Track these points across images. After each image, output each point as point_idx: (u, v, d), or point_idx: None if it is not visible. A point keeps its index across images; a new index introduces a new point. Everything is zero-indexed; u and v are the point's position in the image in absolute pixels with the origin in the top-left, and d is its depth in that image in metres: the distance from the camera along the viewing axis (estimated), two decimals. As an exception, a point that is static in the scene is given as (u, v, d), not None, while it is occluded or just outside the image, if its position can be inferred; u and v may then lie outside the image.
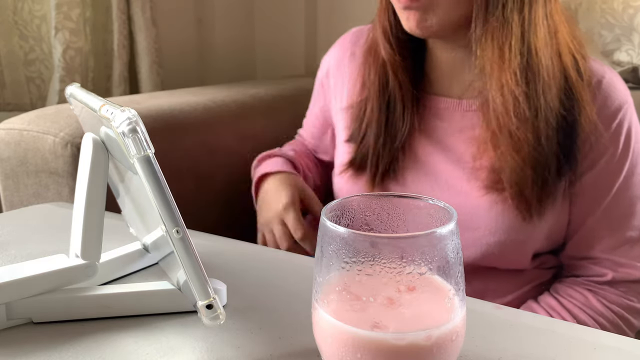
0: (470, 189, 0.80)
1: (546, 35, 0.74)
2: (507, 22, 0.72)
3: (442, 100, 0.84)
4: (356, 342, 0.34)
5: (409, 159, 0.85)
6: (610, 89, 0.78)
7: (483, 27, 0.73)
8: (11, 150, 0.93)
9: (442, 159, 0.83)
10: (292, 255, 0.63)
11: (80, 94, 0.49)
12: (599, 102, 0.77)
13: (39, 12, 1.31)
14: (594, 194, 0.79)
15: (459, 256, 0.36)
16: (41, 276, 0.48)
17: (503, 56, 0.73)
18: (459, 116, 0.83)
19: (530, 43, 0.73)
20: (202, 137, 1.09)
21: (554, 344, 0.45)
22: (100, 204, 0.49)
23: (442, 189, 0.82)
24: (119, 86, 1.36)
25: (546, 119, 0.74)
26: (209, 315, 0.39)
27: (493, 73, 0.74)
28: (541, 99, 0.74)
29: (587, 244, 0.81)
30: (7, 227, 0.70)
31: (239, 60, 1.77)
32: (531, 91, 0.73)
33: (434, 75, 0.85)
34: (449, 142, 0.83)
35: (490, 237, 0.79)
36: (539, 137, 0.74)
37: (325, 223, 0.35)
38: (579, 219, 0.81)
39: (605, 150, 0.78)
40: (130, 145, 0.39)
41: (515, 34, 0.72)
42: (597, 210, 0.79)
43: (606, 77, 0.79)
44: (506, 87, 0.73)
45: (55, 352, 0.44)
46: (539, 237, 0.80)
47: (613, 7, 1.17)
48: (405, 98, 0.83)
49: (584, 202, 0.80)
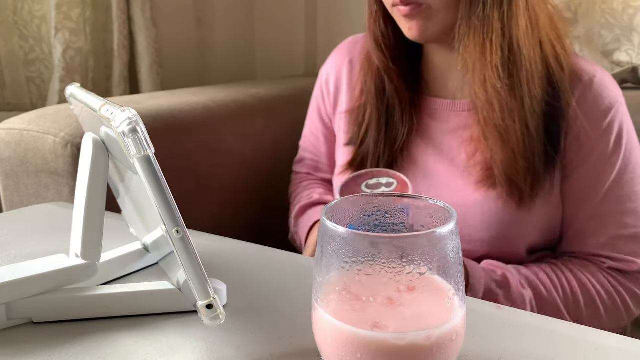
0: (464, 187, 0.81)
1: (528, 26, 0.75)
2: (487, 20, 0.73)
3: (437, 102, 0.85)
4: (356, 342, 0.34)
5: (407, 160, 0.86)
6: (601, 88, 0.79)
7: (467, 26, 0.75)
8: (11, 150, 0.93)
9: (437, 159, 0.84)
10: (292, 255, 0.63)
11: (80, 94, 0.49)
12: (590, 100, 0.78)
13: (39, 12, 1.31)
14: (585, 192, 0.80)
15: (459, 256, 0.36)
16: (41, 276, 0.48)
17: (484, 52, 0.74)
18: (452, 116, 0.84)
19: (512, 36, 0.74)
20: (202, 137, 1.09)
21: (554, 344, 0.45)
22: (100, 204, 0.49)
23: (438, 188, 0.83)
24: (119, 86, 1.36)
25: (532, 107, 0.75)
26: (209, 315, 0.39)
27: (475, 70, 0.76)
28: (525, 88, 0.75)
29: (580, 240, 0.82)
30: (7, 227, 0.70)
31: (239, 60, 1.77)
32: (515, 82, 0.75)
33: (429, 78, 0.87)
34: (444, 142, 0.84)
35: (484, 232, 0.80)
36: (527, 126, 0.75)
37: (325, 223, 0.35)
38: (572, 215, 0.81)
39: (596, 148, 0.79)
40: (130, 145, 0.39)
41: (495, 30, 0.73)
42: (590, 208, 0.80)
43: (597, 76, 0.79)
44: (489, 82, 0.75)
45: (55, 352, 0.44)
46: (531, 231, 0.80)
47: (613, 7, 1.17)
48: (404, 102, 0.85)
49: (576, 199, 0.81)
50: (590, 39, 1.20)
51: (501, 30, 0.73)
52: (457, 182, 0.82)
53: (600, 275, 0.80)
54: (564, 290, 0.78)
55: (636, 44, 1.17)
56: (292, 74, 1.74)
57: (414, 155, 0.85)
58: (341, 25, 1.67)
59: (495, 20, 0.73)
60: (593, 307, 0.79)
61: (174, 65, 1.53)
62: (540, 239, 0.82)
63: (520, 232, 0.80)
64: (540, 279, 0.78)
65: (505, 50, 0.74)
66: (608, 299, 0.79)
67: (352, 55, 0.96)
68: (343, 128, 0.94)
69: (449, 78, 0.84)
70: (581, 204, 0.80)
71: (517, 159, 0.76)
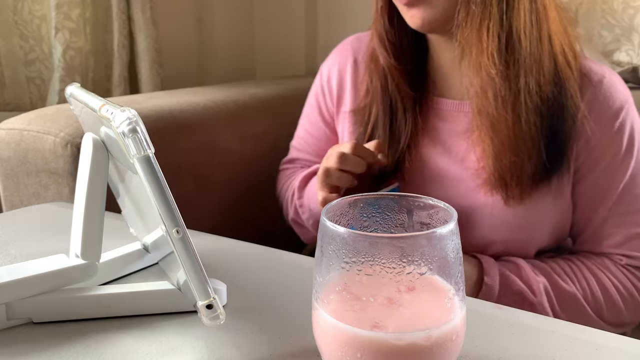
0: (473, 189, 0.81)
1: (531, 19, 0.74)
2: (485, 6, 0.73)
3: (444, 102, 0.85)
4: (356, 342, 0.34)
5: (414, 160, 0.86)
6: (611, 88, 0.79)
7: (465, 12, 0.74)
8: (11, 150, 0.93)
9: (445, 160, 0.83)
10: (292, 255, 0.63)
11: (80, 94, 0.49)
12: (600, 101, 0.78)
13: (39, 12, 1.31)
14: (599, 194, 0.80)
15: (458, 256, 0.36)
16: (41, 276, 0.48)
17: (481, 38, 0.74)
18: (460, 117, 0.83)
19: (512, 25, 0.74)
20: (202, 137, 1.09)
21: (555, 344, 0.45)
22: (100, 204, 0.49)
23: (446, 189, 0.83)
24: (119, 86, 1.36)
25: (527, 101, 0.75)
26: (209, 315, 0.39)
27: (471, 55, 0.75)
28: (521, 80, 0.74)
29: (596, 241, 0.82)
30: (7, 227, 0.70)
31: (239, 60, 1.77)
32: (510, 73, 0.74)
33: (436, 77, 0.87)
34: (452, 142, 0.84)
35: (493, 235, 0.80)
36: (519, 119, 0.75)
37: (325, 223, 0.35)
38: (586, 217, 0.82)
39: (608, 150, 0.78)
40: (130, 145, 0.39)
41: (493, 16, 0.73)
42: (604, 209, 0.80)
43: (607, 77, 0.79)
44: (484, 69, 0.74)
45: (55, 352, 0.44)
46: (539, 233, 0.80)
47: (613, 8, 1.17)
48: (406, 100, 0.84)
49: (590, 202, 0.80)
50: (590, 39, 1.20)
51: (499, 19, 0.73)
52: (465, 184, 0.81)
53: (617, 271, 0.80)
54: (580, 282, 0.78)
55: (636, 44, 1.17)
56: (292, 74, 1.74)
57: (423, 156, 0.85)
58: (341, 25, 1.67)
59: (493, 7, 0.73)
60: (612, 299, 0.79)
61: (174, 65, 1.53)
62: (549, 241, 0.82)
63: (529, 235, 0.80)
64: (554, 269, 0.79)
65: (503, 38, 0.73)
66: (627, 294, 0.80)
67: (356, 55, 0.95)
68: (348, 128, 0.93)
69: (455, 78, 0.84)
70: (596, 206, 0.80)
71: (506, 152, 0.75)
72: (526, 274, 0.77)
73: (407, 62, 0.84)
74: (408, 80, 0.84)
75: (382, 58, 0.84)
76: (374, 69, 0.87)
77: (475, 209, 0.80)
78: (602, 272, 0.80)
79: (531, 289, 0.76)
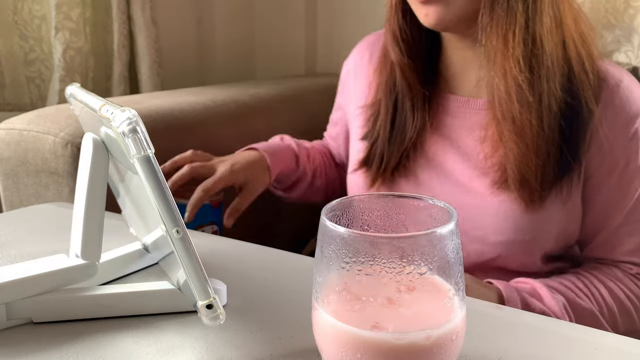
0: (479, 187, 0.80)
1: (552, 24, 0.74)
2: (511, 11, 0.72)
3: (454, 99, 0.85)
4: (356, 342, 0.34)
5: (421, 157, 0.86)
6: (628, 93, 0.78)
7: (489, 16, 0.74)
8: (11, 150, 0.93)
9: (453, 157, 0.83)
10: (292, 255, 0.63)
11: (80, 94, 0.49)
12: (616, 105, 0.77)
13: (39, 12, 1.31)
14: (614, 201, 0.79)
15: (459, 256, 0.36)
16: (41, 276, 0.48)
17: (507, 44, 0.73)
18: (470, 114, 0.83)
19: (535, 31, 0.73)
20: (202, 137, 1.09)
21: (555, 344, 0.45)
22: (100, 204, 0.49)
23: (452, 186, 0.83)
24: (119, 86, 1.36)
25: (549, 105, 0.75)
26: (209, 315, 0.39)
27: (497, 60, 0.75)
28: (544, 85, 0.74)
29: (608, 247, 0.81)
30: (7, 227, 0.70)
31: (239, 60, 1.77)
32: (535, 78, 0.74)
33: (447, 74, 0.87)
34: (460, 139, 0.84)
35: (497, 235, 0.79)
36: (542, 123, 0.75)
37: (325, 223, 0.35)
38: (599, 223, 0.81)
39: (622, 156, 0.77)
40: (130, 145, 0.39)
41: (519, 22, 0.73)
42: (619, 215, 0.79)
43: (624, 82, 0.78)
44: (509, 74, 0.74)
45: (55, 352, 0.44)
46: (545, 237, 0.79)
47: (615, 7, 1.17)
48: (415, 97, 0.85)
49: (604, 208, 0.80)
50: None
51: (525, 24, 0.73)
52: (472, 182, 0.81)
53: (628, 281, 0.79)
54: (595, 297, 0.77)
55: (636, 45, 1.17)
56: (292, 74, 1.74)
57: (430, 152, 0.85)
58: (341, 26, 1.67)
59: (519, 12, 0.72)
60: (626, 310, 0.78)
61: (174, 65, 1.53)
62: (556, 246, 0.81)
63: (535, 237, 0.79)
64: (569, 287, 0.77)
65: (528, 44, 0.73)
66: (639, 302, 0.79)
67: (372, 50, 0.96)
68: (359, 122, 0.94)
69: (466, 75, 0.84)
70: (610, 213, 0.79)
71: (530, 155, 0.75)
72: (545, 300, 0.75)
73: (419, 58, 0.85)
74: (419, 77, 0.84)
75: (394, 54, 0.84)
76: (384, 64, 0.88)
77: (481, 208, 0.80)
78: (615, 284, 0.79)
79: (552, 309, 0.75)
